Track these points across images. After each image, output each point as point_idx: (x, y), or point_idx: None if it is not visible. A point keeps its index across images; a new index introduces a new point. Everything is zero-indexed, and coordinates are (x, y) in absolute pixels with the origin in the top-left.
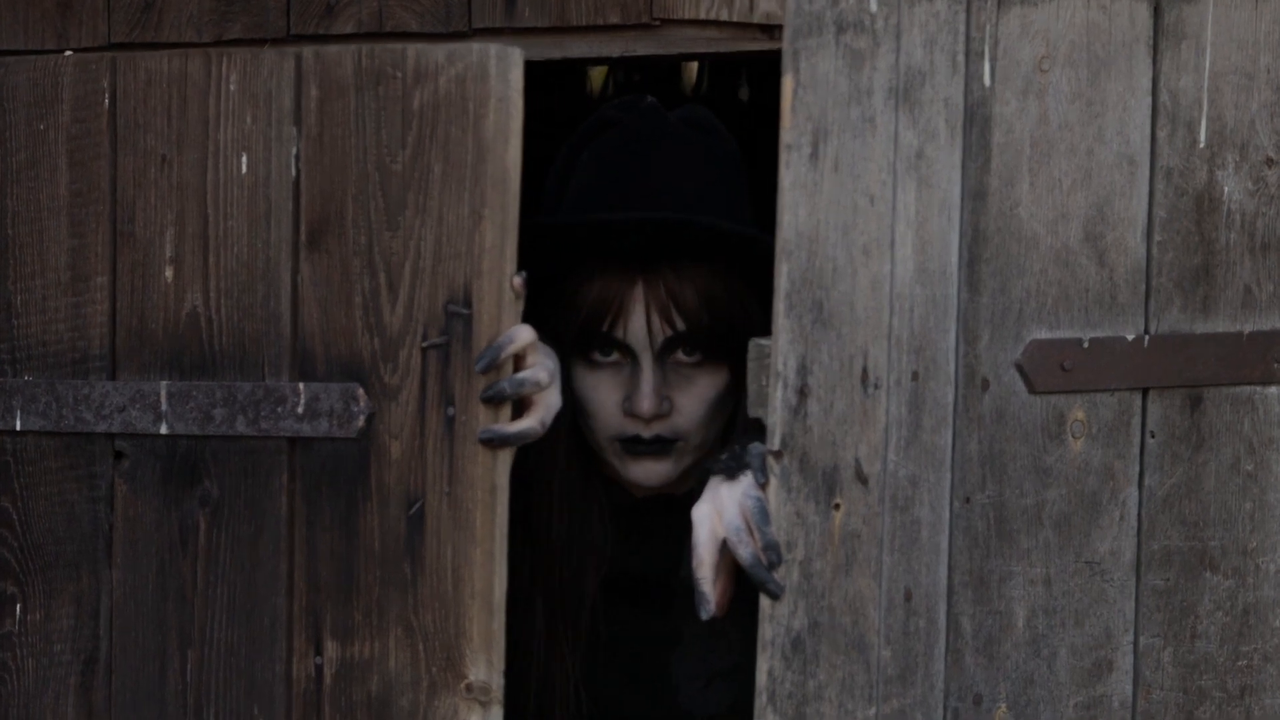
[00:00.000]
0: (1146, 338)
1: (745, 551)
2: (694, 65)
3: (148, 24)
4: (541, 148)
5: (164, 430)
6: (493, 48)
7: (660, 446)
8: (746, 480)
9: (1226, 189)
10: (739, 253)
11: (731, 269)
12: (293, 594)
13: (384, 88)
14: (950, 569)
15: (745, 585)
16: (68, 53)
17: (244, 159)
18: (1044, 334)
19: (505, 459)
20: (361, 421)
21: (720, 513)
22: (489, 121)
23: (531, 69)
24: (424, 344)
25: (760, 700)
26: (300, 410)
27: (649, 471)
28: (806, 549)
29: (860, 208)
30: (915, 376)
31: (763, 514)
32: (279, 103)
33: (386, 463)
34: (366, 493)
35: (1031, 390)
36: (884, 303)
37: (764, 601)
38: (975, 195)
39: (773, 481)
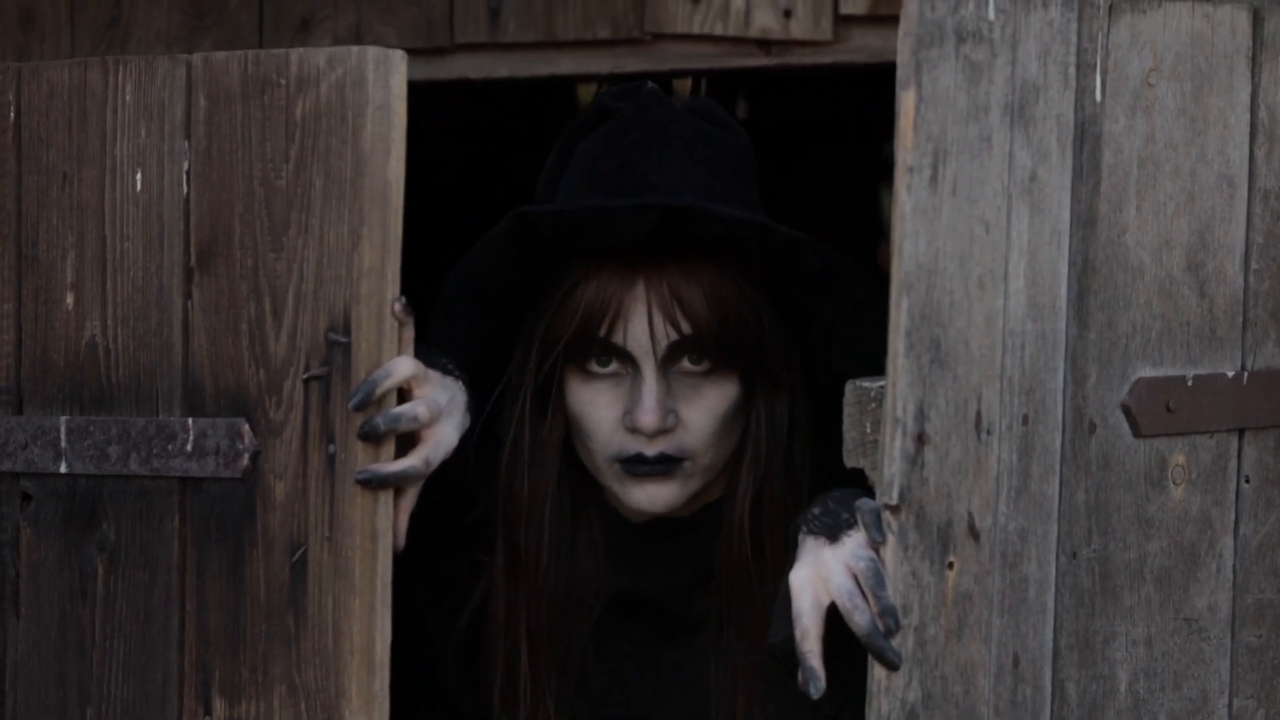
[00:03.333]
0: (1245, 374)
1: (863, 619)
2: (687, 82)
3: (114, 40)
4: (536, 166)
5: (63, 469)
6: (371, 50)
7: (665, 466)
8: (853, 540)
9: None
10: (750, 247)
11: (742, 267)
12: (184, 648)
13: (269, 96)
14: (1056, 630)
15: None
16: None
17: (139, 175)
18: (1149, 371)
19: (387, 501)
20: (246, 460)
21: (826, 578)
22: (367, 131)
23: (517, 86)
24: (305, 375)
25: None
26: (189, 448)
27: (652, 496)
28: (921, 613)
29: (976, 236)
30: (1025, 420)
31: (878, 577)
32: (171, 114)
33: (271, 505)
34: (253, 538)
35: (1137, 434)
36: (997, 340)
37: (878, 673)
38: (1085, 222)
39: (890, 540)
